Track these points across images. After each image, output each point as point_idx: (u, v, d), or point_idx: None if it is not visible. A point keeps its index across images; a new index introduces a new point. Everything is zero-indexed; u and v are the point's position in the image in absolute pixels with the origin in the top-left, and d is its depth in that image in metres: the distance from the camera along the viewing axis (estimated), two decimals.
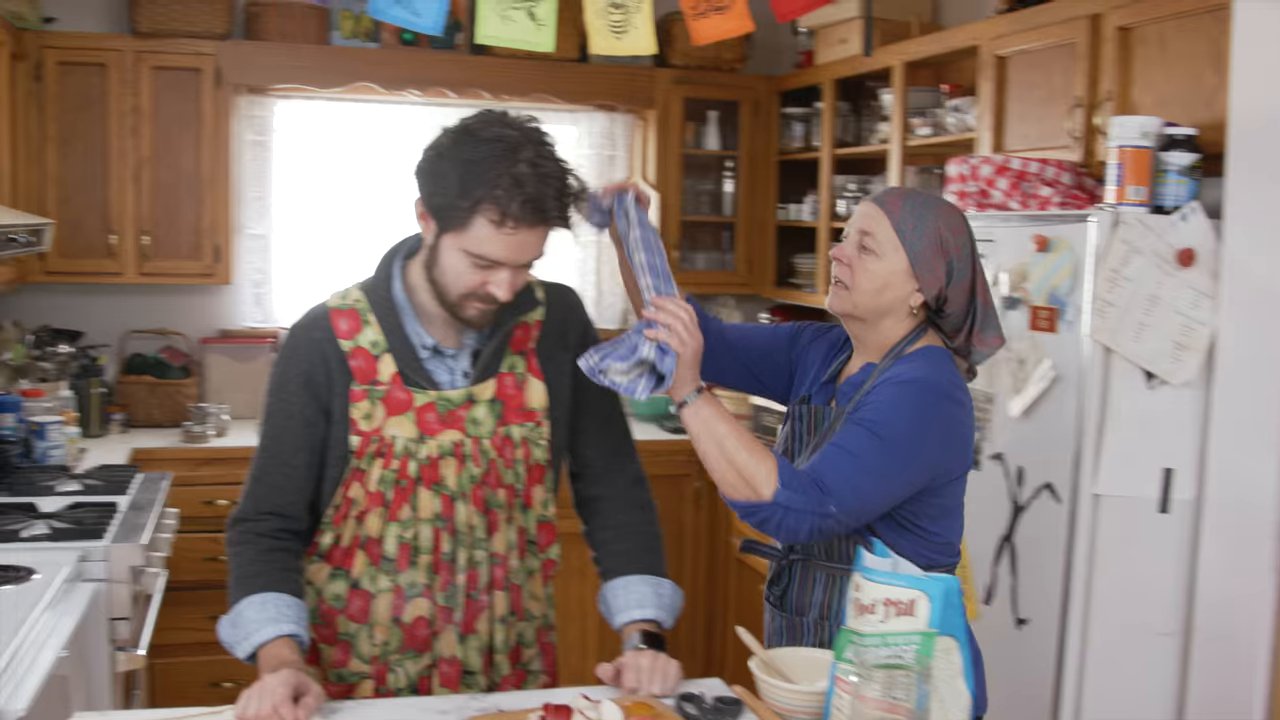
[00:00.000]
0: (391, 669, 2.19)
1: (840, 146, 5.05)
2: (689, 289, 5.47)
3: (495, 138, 2.01)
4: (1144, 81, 3.19)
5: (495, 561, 2.21)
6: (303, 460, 2.17)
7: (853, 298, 2.24)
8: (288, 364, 2.18)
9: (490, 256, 2.03)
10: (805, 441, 2.31)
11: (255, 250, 5.20)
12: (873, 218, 2.23)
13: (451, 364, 2.20)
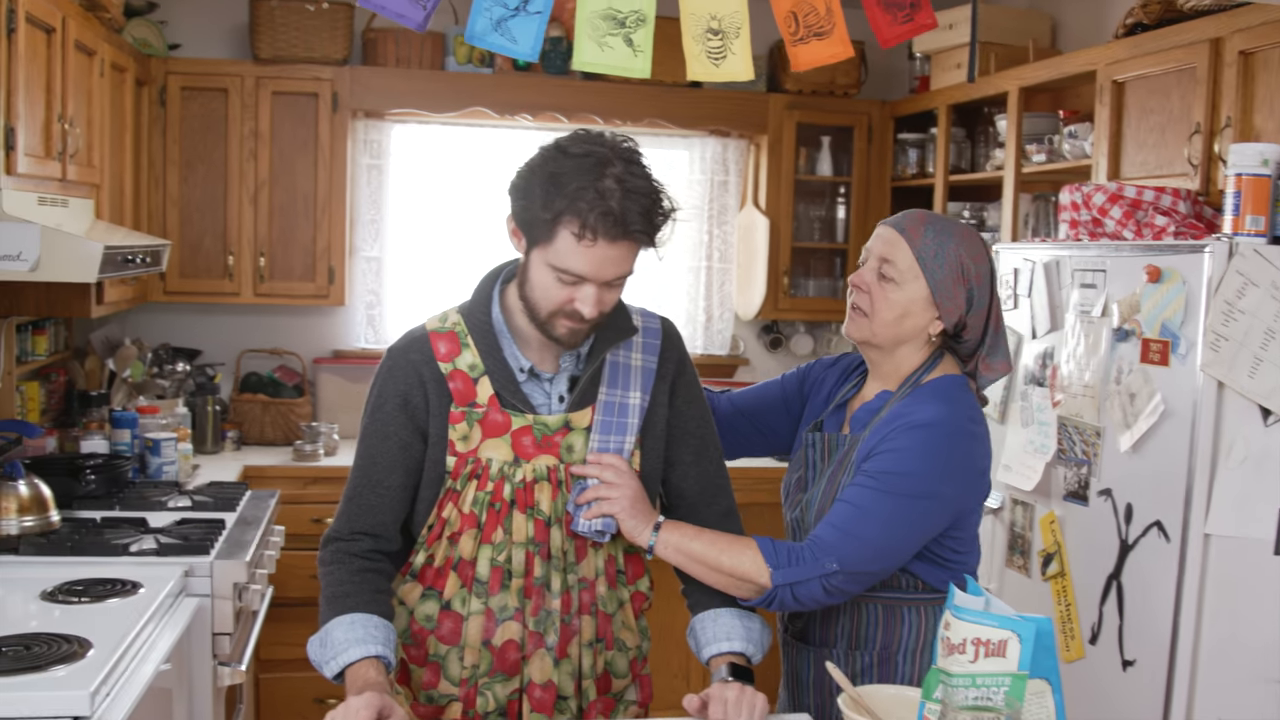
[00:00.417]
0: (480, 692, 2.18)
1: (955, 173, 4.97)
2: (799, 316, 5.59)
3: (584, 153, 2.03)
4: (1267, 108, 3.09)
5: (584, 586, 2.20)
6: (397, 481, 2.18)
7: (871, 326, 2.24)
8: (385, 385, 2.20)
9: (573, 270, 2.02)
10: (819, 469, 2.30)
11: (369, 272, 5.29)
12: (893, 244, 2.23)
13: (548, 388, 2.20)
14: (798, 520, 2.34)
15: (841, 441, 2.26)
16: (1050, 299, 3.25)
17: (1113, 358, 2.97)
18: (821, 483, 2.26)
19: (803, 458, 2.35)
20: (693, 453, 2.32)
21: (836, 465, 2.24)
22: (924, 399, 2.19)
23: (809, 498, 2.30)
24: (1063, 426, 3.15)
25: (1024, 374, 3.36)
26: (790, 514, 2.36)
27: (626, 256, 2.06)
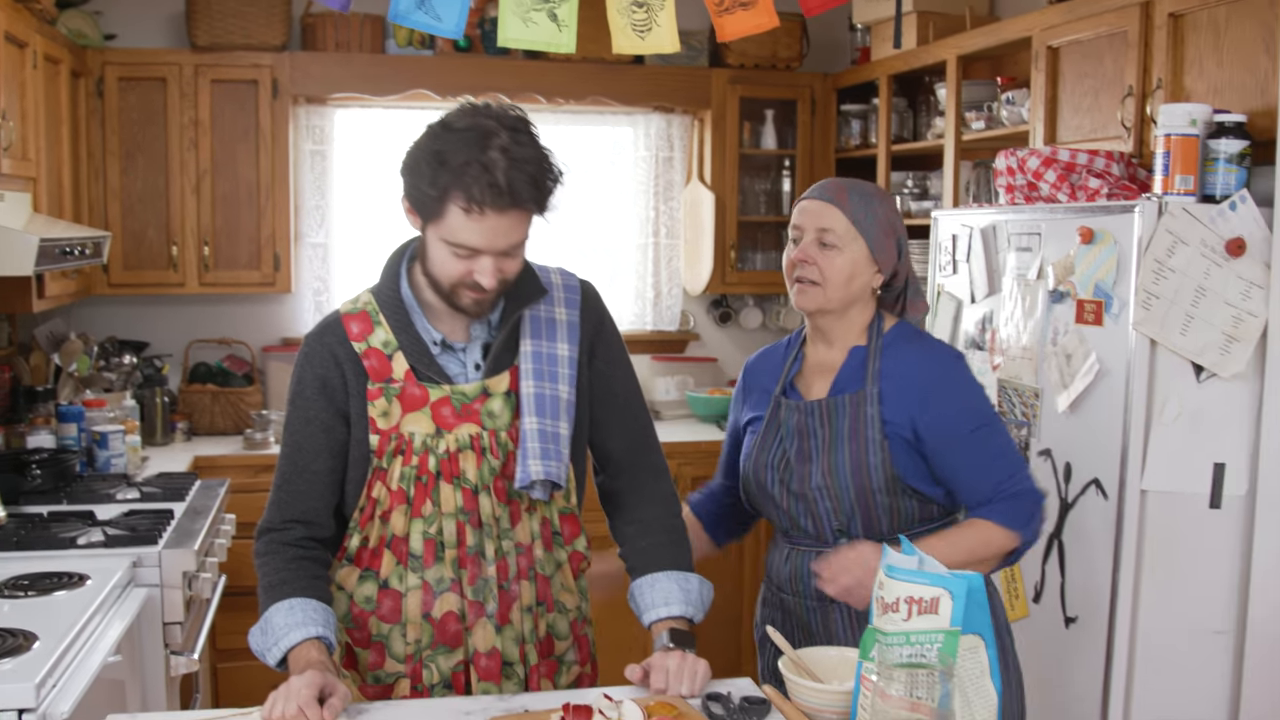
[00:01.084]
0: (425, 665, 2.19)
1: (897, 142, 5.00)
2: (747, 289, 5.61)
3: (468, 127, 2.03)
4: (1197, 69, 3.12)
5: (520, 551, 2.21)
6: (324, 466, 2.20)
7: (825, 292, 2.36)
8: (303, 371, 2.22)
9: (466, 244, 2.04)
10: (821, 436, 2.37)
11: (315, 259, 5.27)
12: (826, 214, 2.37)
13: (463, 357, 2.22)
14: (805, 492, 2.38)
15: (841, 404, 2.36)
16: (988, 263, 3.28)
17: (1049, 319, 3.00)
18: (840, 446, 2.34)
19: (795, 427, 2.41)
20: (618, 412, 2.33)
21: (852, 426, 2.34)
22: (912, 341, 2.40)
23: (822, 465, 2.35)
24: (1003, 389, 3.19)
25: (964, 338, 3.39)
26: (790, 486, 2.39)
27: (517, 225, 2.06)
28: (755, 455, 2.45)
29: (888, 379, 2.34)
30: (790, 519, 2.42)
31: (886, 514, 2.35)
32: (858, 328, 2.41)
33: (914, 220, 4.81)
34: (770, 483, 2.42)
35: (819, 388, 2.43)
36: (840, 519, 2.36)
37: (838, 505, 2.35)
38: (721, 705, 2.02)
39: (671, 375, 5.74)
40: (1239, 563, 2.82)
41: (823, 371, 2.44)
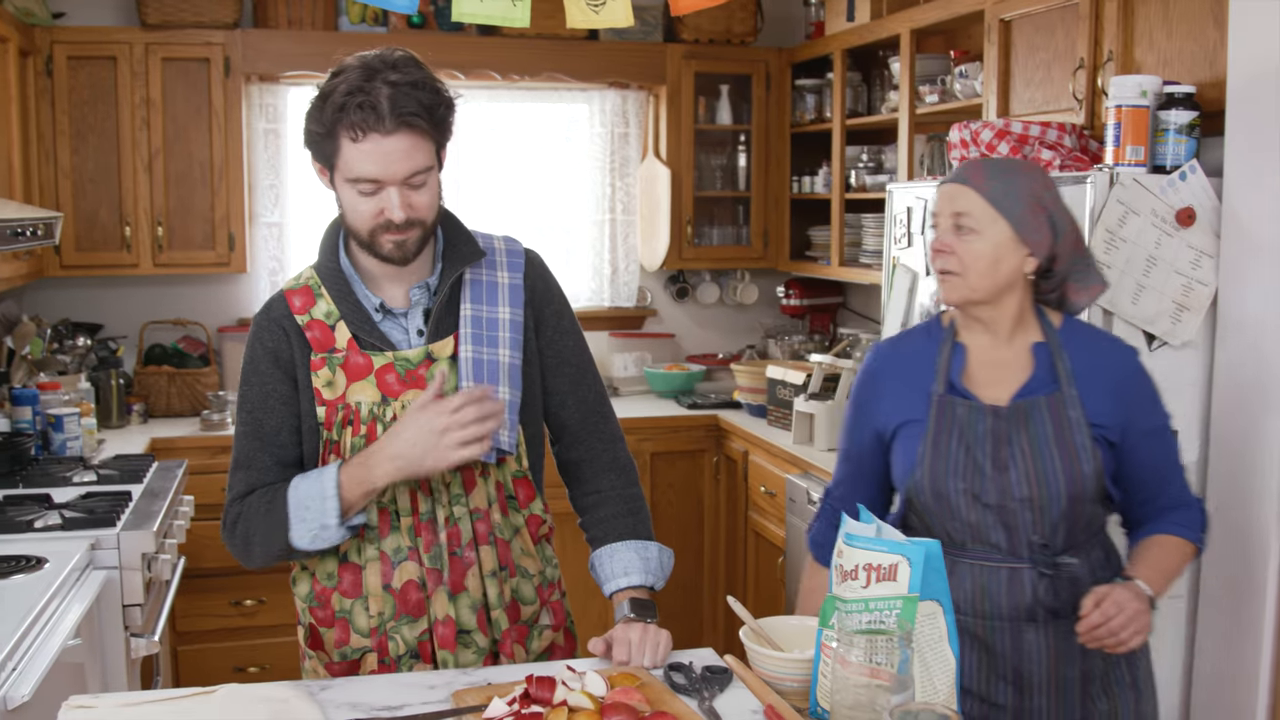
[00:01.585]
0: (390, 637, 2.18)
1: (852, 117, 5.02)
2: (704, 265, 5.65)
3: (356, 65, 2.05)
4: (1147, 40, 3.15)
5: (477, 517, 2.21)
6: (289, 439, 2.20)
7: (968, 282, 2.20)
8: (254, 348, 2.22)
9: (365, 175, 2.04)
10: (1016, 441, 2.19)
11: (270, 238, 5.24)
12: (960, 196, 2.19)
13: (404, 323, 2.21)
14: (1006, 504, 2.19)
15: (1037, 408, 2.19)
16: None
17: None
18: (1045, 453, 2.17)
19: (985, 432, 2.21)
20: (570, 381, 2.33)
21: (1057, 431, 2.18)
22: (1093, 334, 2.29)
23: (1028, 474, 2.18)
24: None
25: (920, 311, 3.42)
26: (981, 497, 2.20)
27: (411, 149, 2.04)
28: (929, 462, 2.23)
29: (1082, 378, 2.20)
30: (975, 532, 2.22)
31: (1087, 524, 2.22)
32: (1024, 319, 2.25)
33: (869, 194, 4.84)
34: (953, 493, 2.21)
35: (998, 387, 2.24)
36: (1044, 532, 2.18)
37: (1041, 517, 2.18)
38: (684, 675, 2.04)
39: (629, 351, 5.75)
40: None
41: (997, 368, 2.25)
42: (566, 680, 1.87)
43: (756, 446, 4.89)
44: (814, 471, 4.37)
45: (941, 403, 2.24)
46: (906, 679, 1.76)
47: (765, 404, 5.06)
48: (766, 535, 4.78)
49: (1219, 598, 2.79)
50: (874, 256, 4.80)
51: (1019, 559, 2.19)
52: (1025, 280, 2.22)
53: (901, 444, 2.29)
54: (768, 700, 1.95)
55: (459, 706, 1.89)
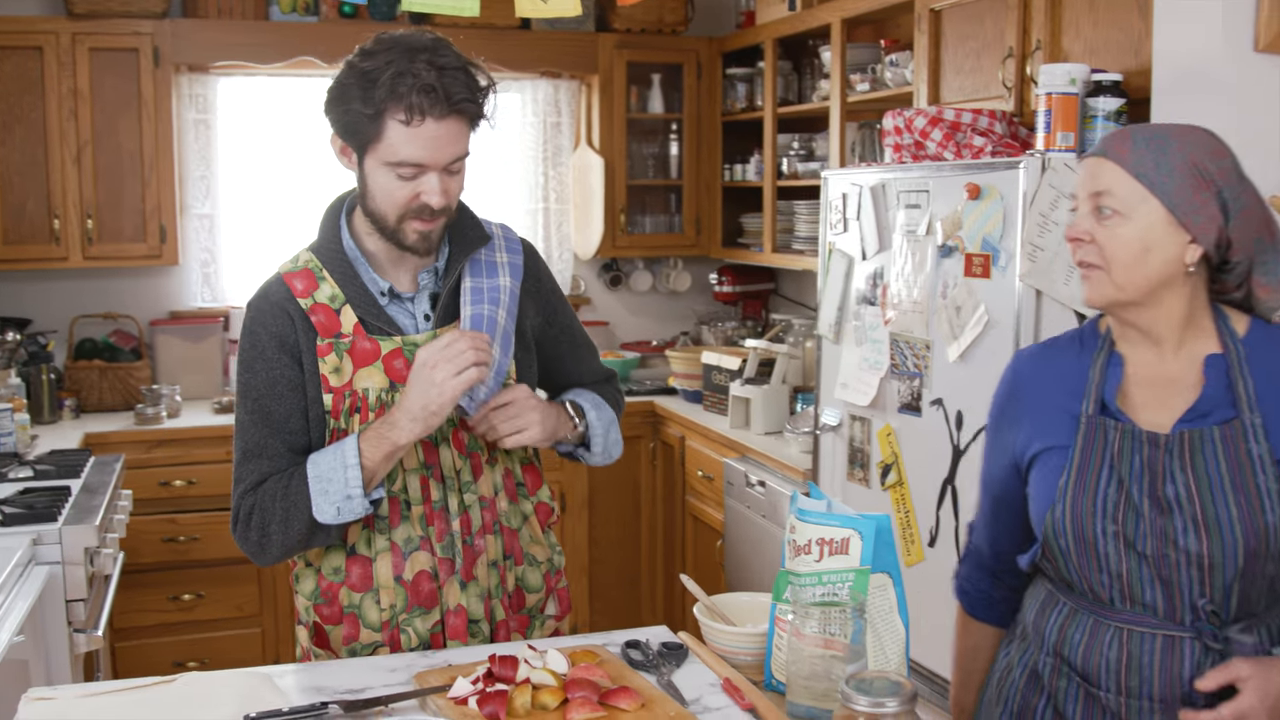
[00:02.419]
0: (403, 630, 2.15)
1: (783, 105, 5.09)
2: (637, 253, 5.67)
3: (391, 46, 2.02)
4: (1074, 30, 3.23)
5: (484, 505, 2.20)
6: (299, 425, 2.13)
7: (1111, 277, 1.79)
8: (255, 334, 2.14)
9: (410, 159, 2.01)
10: (1181, 480, 1.76)
11: (202, 230, 5.20)
12: (1101, 171, 1.80)
13: (411, 308, 2.19)
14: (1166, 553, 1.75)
15: (1208, 439, 1.76)
16: (878, 221, 3.37)
17: (938, 273, 3.10)
18: (1219, 497, 1.74)
19: (1142, 464, 1.79)
20: (568, 344, 2.39)
21: (1234, 470, 1.74)
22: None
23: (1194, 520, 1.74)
24: (894, 342, 3.28)
25: (856, 295, 3.48)
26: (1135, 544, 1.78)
27: (458, 135, 2.04)
28: (1072, 497, 1.82)
29: (1267, 401, 1.76)
30: (1125, 588, 1.80)
31: (1268, 590, 1.77)
32: (1196, 324, 1.82)
33: (801, 181, 4.91)
34: (1100, 535, 1.79)
35: (1159, 410, 1.82)
36: (1213, 595, 1.75)
37: (1210, 577, 1.74)
38: (641, 652, 2.08)
39: None
40: None
41: (1159, 386, 1.83)
42: (529, 659, 1.91)
43: (693, 431, 4.95)
44: (751, 455, 4.43)
45: (1090, 426, 1.83)
46: (860, 649, 1.81)
47: (701, 390, 5.12)
48: (704, 519, 4.84)
49: None
50: (807, 243, 4.87)
51: (1178, 626, 1.76)
52: (1190, 274, 1.79)
53: (1039, 475, 1.89)
54: (724, 674, 1.99)
55: (423, 687, 1.91)
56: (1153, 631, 1.78)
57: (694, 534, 5.01)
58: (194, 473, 4.60)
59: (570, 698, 1.81)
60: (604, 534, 5.20)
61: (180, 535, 4.57)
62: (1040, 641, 1.92)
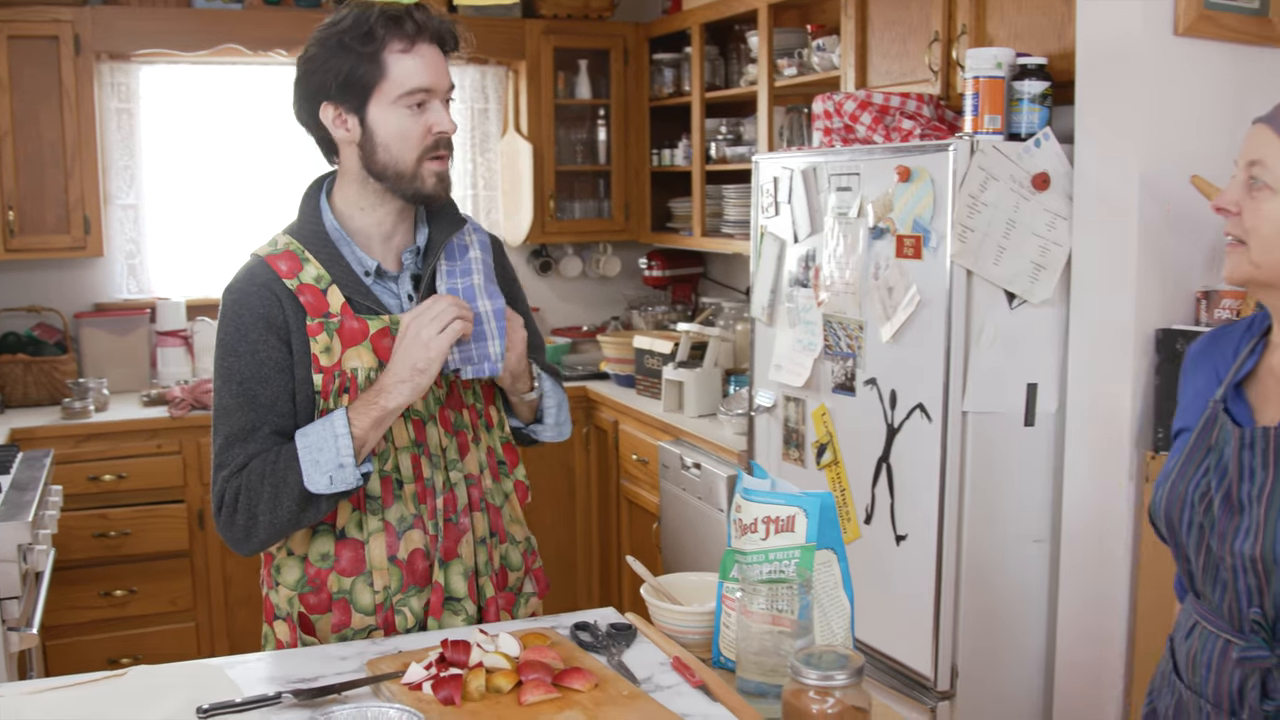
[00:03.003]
0: (398, 610, 2.16)
1: (710, 90, 5.12)
2: (567, 238, 5.68)
3: (344, 13, 2.13)
4: (998, 15, 3.29)
5: (470, 483, 2.23)
6: (287, 408, 2.13)
7: (1251, 255, 1.68)
8: (240, 315, 2.13)
9: (418, 85, 2.10)
10: (1259, 479, 1.67)
11: (126, 220, 5.14)
12: (1262, 140, 1.68)
13: (395, 288, 2.22)
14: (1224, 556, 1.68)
15: None
16: (810, 204, 3.41)
17: (870, 255, 3.15)
18: (1260, 495, 1.65)
19: (1231, 457, 1.71)
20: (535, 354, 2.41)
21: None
22: None
23: (1255, 525, 1.65)
24: (828, 323, 3.33)
25: (788, 277, 3.52)
26: (1208, 540, 1.72)
27: (446, 65, 2.16)
28: (1173, 481, 1.78)
29: None
30: (1199, 582, 1.76)
31: None
32: None
33: (729, 165, 4.95)
34: (1184, 526, 1.75)
35: (1275, 405, 1.73)
36: (1264, 607, 1.65)
37: (1263, 586, 1.64)
38: (590, 633, 2.10)
39: None
40: (1051, 475, 3.03)
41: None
42: (481, 643, 1.92)
43: (626, 415, 4.98)
44: (685, 438, 4.47)
45: (1212, 413, 1.77)
46: (807, 624, 1.85)
47: (633, 374, 5.15)
48: (639, 502, 4.87)
49: (1079, 533, 2.96)
50: (736, 226, 4.91)
51: (1236, 633, 1.70)
52: None
53: (1170, 455, 1.85)
54: (673, 653, 2.02)
55: (375, 674, 1.92)
56: (1216, 633, 1.73)
57: (629, 517, 5.04)
58: (124, 467, 4.55)
59: (524, 680, 1.83)
60: (539, 519, 5.21)
61: (111, 530, 4.51)
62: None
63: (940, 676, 2.99)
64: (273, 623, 2.26)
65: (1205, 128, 2.79)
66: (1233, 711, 1.70)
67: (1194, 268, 2.83)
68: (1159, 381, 2.75)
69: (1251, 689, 1.67)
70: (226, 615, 4.76)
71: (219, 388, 2.14)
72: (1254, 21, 2.78)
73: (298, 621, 2.19)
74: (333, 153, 2.23)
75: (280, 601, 2.22)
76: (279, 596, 2.22)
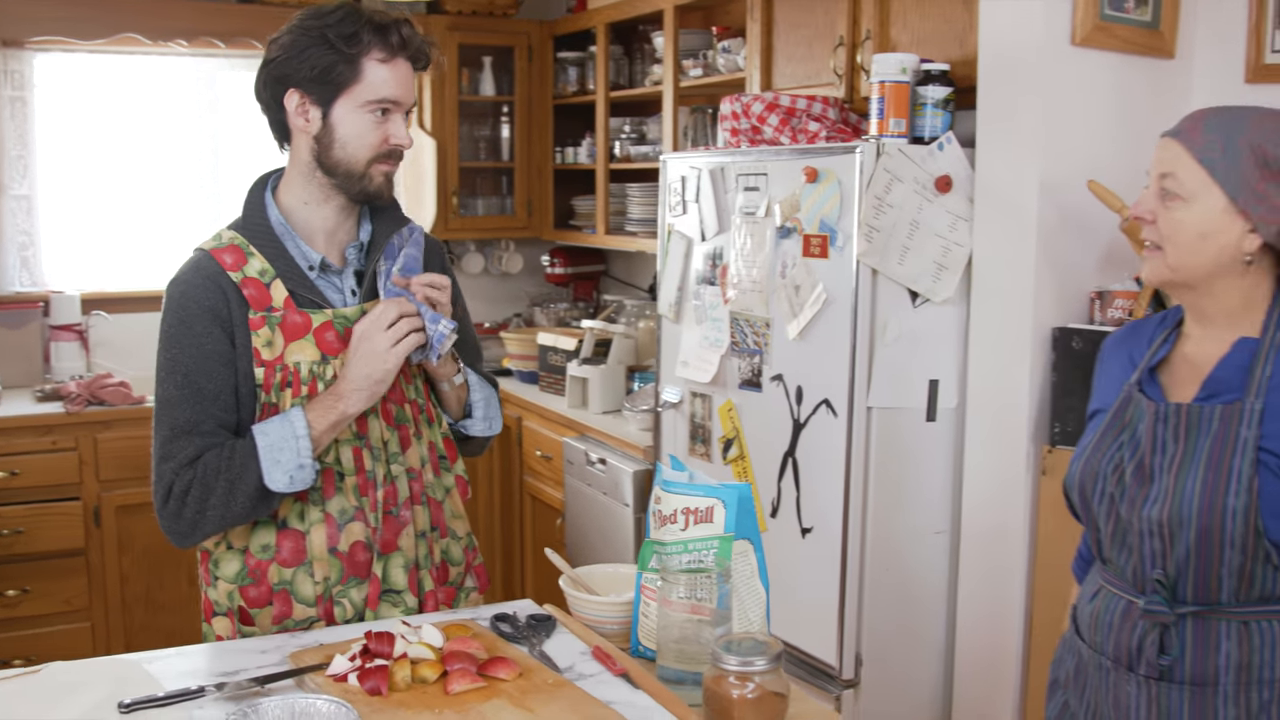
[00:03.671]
0: (337, 603, 2.17)
1: (615, 89, 5.16)
2: (469, 235, 5.68)
3: (335, 8, 2.16)
4: (902, 21, 3.38)
5: (412, 476, 2.25)
6: (229, 402, 2.13)
7: (1166, 260, 1.83)
8: (186, 307, 2.13)
9: (388, 96, 2.14)
10: (1170, 451, 1.82)
11: (19, 211, 5.02)
12: (1170, 154, 1.83)
13: (339, 282, 2.24)
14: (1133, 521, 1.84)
15: (1207, 416, 1.80)
16: (717, 203, 3.47)
17: (777, 254, 3.21)
18: (1190, 472, 1.78)
19: (1144, 433, 1.86)
20: (471, 353, 2.45)
21: (1215, 448, 1.77)
22: None
23: (1163, 492, 1.80)
24: (735, 321, 3.39)
25: (695, 275, 3.58)
26: (1118, 508, 1.87)
27: (415, 84, 2.22)
28: (1088, 456, 1.94)
29: (1278, 394, 1.77)
30: (1106, 547, 1.93)
31: (1233, 578, 1.76)
32: (1243, 308, 1.84)
33: (633, 164, 4.99)
34: (1096, 496, 1.91)
35: (1186, 387, 1.88)
36: (1167, 569, 1.81)
37: (1167, 549, 1.79)
38: (510, 624, 2.13)
39: None
40: (952, 469, 3.12)
41: (1194, 365, 1.88)
42: (404, 634, 1.94)
43: (530, 412, 5.00)
44: (590, 434, 4.50)
45: (1127, 394, 1.93)
46: (726, 613, 1.90)
47: (537, 370, 5.17)
48: (543, 498, 4.89)
49: (979, 524, 3.05)
50: (639, 225, 4.96)
51: (1138, 593, 1.85)
52: (1249, 263, 1.81)
53: (1085, 434, 2.00)
54: (594, 642, 2.06)
55: (299, 666, 1.93)
56: (1120, 594, 1.89)
57: (533, 513, 5.06)
58: (17, 464, 4.46)
59: (449, 670, 1.86)
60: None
61: (3, 529, 4.42)
62: None
63: (845, 665, 3.07)
64: (211, 620, 2.24)
65: (1101, 134, 2.91)
66: (1130, 666, 1.86)
67: (1089, 269, 2.94)
68: (1055, 378, 2.86)
69: (1150, 644, 1.83)
70: (124, 614, 4.68)
71: (163, 379, 2.14)
72: (1146, 34, 2.89)
73: (238, 615, 2.19)
74: (285, 138, 2.24)
75: (219, 597, 2.21)
76: (218, 592, 2.21)
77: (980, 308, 3.03)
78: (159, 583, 4.72)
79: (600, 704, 1.79)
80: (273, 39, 2.19)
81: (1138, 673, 1.85)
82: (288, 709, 1.72)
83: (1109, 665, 1.90)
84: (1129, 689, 1.87)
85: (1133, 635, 1.86)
